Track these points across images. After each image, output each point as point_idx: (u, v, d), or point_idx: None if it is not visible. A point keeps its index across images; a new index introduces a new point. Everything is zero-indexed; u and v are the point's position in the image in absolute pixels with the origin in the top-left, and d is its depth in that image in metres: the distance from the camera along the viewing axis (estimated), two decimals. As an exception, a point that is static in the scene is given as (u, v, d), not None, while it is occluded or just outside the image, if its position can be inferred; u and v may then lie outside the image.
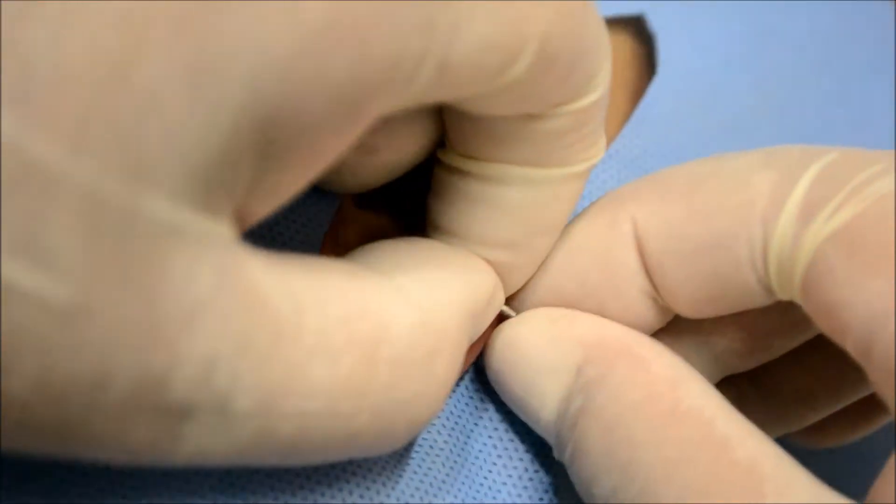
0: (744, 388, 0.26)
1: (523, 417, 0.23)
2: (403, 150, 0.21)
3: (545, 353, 0.22)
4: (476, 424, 0.24)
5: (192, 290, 0.14)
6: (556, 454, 0.22)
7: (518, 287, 0.23)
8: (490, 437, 0.24)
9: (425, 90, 0.17)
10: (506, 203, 0.21)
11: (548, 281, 0.23)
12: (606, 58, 0.20)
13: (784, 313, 0.23)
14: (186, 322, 0.14)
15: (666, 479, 0.18)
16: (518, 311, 0.24)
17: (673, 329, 0.24)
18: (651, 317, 0.23)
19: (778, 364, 0.25)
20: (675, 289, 0.22)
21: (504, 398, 0.23)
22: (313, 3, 0.14)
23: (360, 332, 0.17)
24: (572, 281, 0.23)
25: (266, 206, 0.16)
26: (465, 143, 0.21)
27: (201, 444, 0.16)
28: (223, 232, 0.15)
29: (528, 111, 0.20)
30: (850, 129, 0.33)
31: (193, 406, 0.15)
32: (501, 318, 0.24)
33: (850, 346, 0.19)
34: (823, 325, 0.20)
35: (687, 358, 0.22)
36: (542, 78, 0.18)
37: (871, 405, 0.26)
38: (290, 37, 0.14)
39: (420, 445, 0.23)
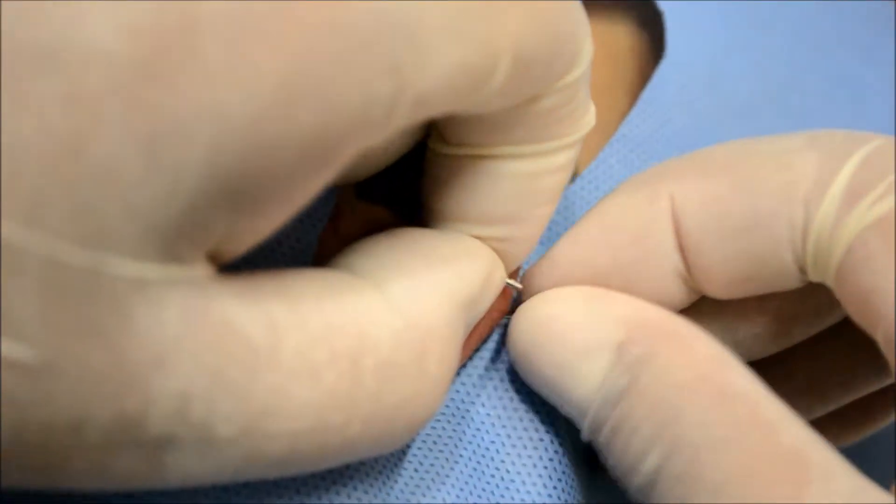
0: None
1: (551, 397, 0.22)
2: (386, 139, 0.21)
3: (584, 332, 0.21)
4: (489, 414, 0.24)
5: (160, 335, 0.15)
6: (587, 434, 0.21)
7: (521, 261, 0.23)
8: (504, 426, 0.23)
9: (404, 121, 0.16)
10: (503, 180, 0.21)
11: (579, 254, 0.23)
12: (585, 33, 0.20)
13: (807, 299, 0.23)
14: (156, 364, 0.15)
15: (713, 460, 0.19)
16: (541, 286, 0.23)
17: (695, 312, 0.23)
18: (677, 297, 0.23)
19: (789, 354, 0.25)
20: (710, 266, 0.22)
21: (529, 378, 0.23)
22: (269, 65, 0.14)
23: (341, 346, 0.17)
24: (606, 255, 0.22)
25: (249, 242, 0.16)
26: (457, 135, 0.21)
27: (188, 470, 0.16)
28: (193, 274, 0.15)
29: (517, 102, 0.19)
30: (850, 112, 0.32)
31: (173, 438, 0.15)
32: (517, 301, 0.23)
33: (881, 335, 0.19)
34: (854, 312, 0.20)
35: None
36: (523, 78, 0.18)
37: (876, 405, 0.26)
38: (247, 100, 0.14)
39: (423, 441, 0.22)
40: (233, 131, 0.14)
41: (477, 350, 0.24)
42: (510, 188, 0.21)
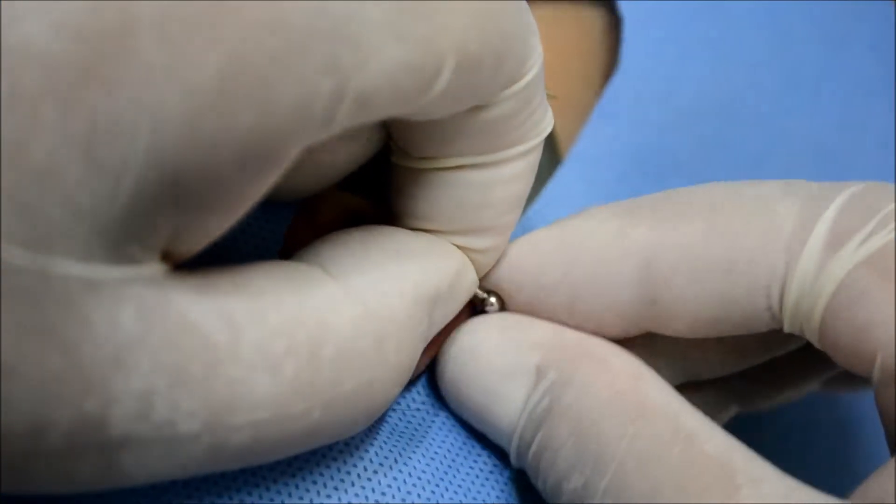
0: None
1: (480, 425, 0.23)
2: (339, 149, 0.21)
3: (502, 357, 0.22)
4: (455, 416, 0.24)
5: (117, 334, 0.15)
6: (513, 460, 0.22)
7: (488, 269, 0.23)
8: (469, 428, 0.24)
9: (348, 121, 0.16)
10: (464, 190, 0.21)
11: (532, 260, 0.23)
12: (535, 36, 0.20)
13: (765, 335, 0.24)
14: (115, 365, 0.15)
15: (639, 474, 0.19)
16: (490, 276, 0.23)
17: (648, 341, 0.24)
18: (616, 329, 0.23)
19: None
20: (678, 308, 0.22)
21: (460, 407, 0.23)
22: (206, 62, 0.14)
23: (300, 337, 0.17)
24: (558, 270, 0.23)
25: (201, 241, 0.16)
26: (417, 147, 0.21)
27: (154, 467, 0.16)
28: (147, 273, 0.15)
29: (468, 106, 0.19)
30: (807, 111, 0.33)
31: (137, 438, 0.16)
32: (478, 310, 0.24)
33: (878, 366, 0.20)
34: (845, 350, 0.20)
35: (656, 368, 0.23)
36: (471, 80, 0.18)
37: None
38: (185, 98, 0.14)
39: (391, 432, 0.23)
40: (171, 130, 0.14)
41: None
42: (471, 198, 0.21)
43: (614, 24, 0.31)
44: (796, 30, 0.33)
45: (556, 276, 0.23)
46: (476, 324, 0.23)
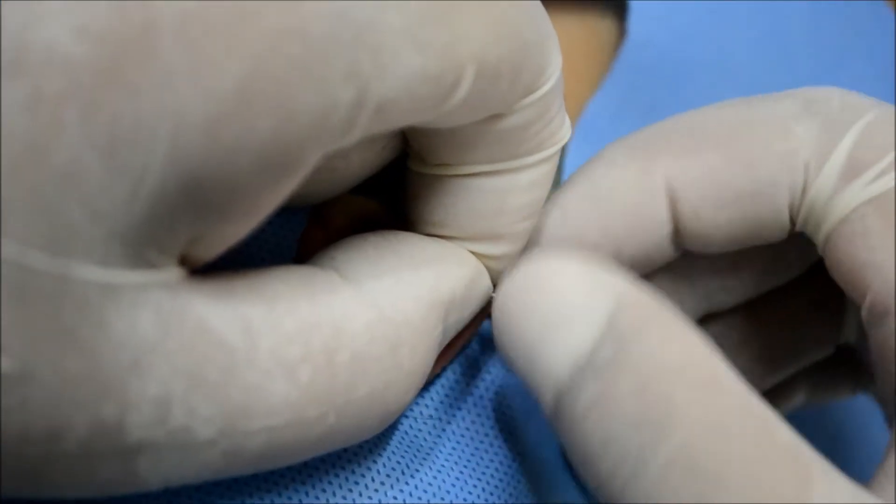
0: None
1: (525, 365, 0.19)
2: (354, 156, 0.21)
3: (580, 293, 0.19)
4: (468, 428, 0.24)
5: (135, 339, 0.15)
6: (550, 411, 0.19)
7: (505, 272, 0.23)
8: (486, 434, 0.24)
9: (368, 129, 0.16)
10: (480, 197, 0.21)
11: (568, 225, 0.23)
12: (554, 46, 0.20)
13: (779, 255, 0.24)
14: (132, 370, 0.15)
15: (707, 444, 0.17)
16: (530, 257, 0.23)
17: (665, 266, 0.24)
18: (663, 259, 0.23)
19: (744, 320, 0.26)
20: (710, 233, 0.22)
21: (507, 339, 0.19)
22: (227, 67, 0.14)
23: (316, 342, 0.17)
24: (596, 229, 0.23)
25: (218, 247, 0.16)
26: (434, 154, 0.21)
27: (170, 473, 0.16)
28: (165, 278, 0.15)
29: (486, 115, 0.19)
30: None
31: (153, 444, 0.16)
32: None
33: (866, 305, 0.20)
34: (840, 277, 0.21)
35: (678, 292, 0.23)
36: (490, 90, 0.18)
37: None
38: (206, 102, 0.14)
39: (401, 440, 0.23)
40: (191, 135, 0.14)
41: (462, 354, 0.24)
42: (487, 205, 0.21)
43: (623, 30, 0.31)
44: (796, 37, 0.34)
45: (597, 235, 0.23)
46: (551, 253, 0.20)
